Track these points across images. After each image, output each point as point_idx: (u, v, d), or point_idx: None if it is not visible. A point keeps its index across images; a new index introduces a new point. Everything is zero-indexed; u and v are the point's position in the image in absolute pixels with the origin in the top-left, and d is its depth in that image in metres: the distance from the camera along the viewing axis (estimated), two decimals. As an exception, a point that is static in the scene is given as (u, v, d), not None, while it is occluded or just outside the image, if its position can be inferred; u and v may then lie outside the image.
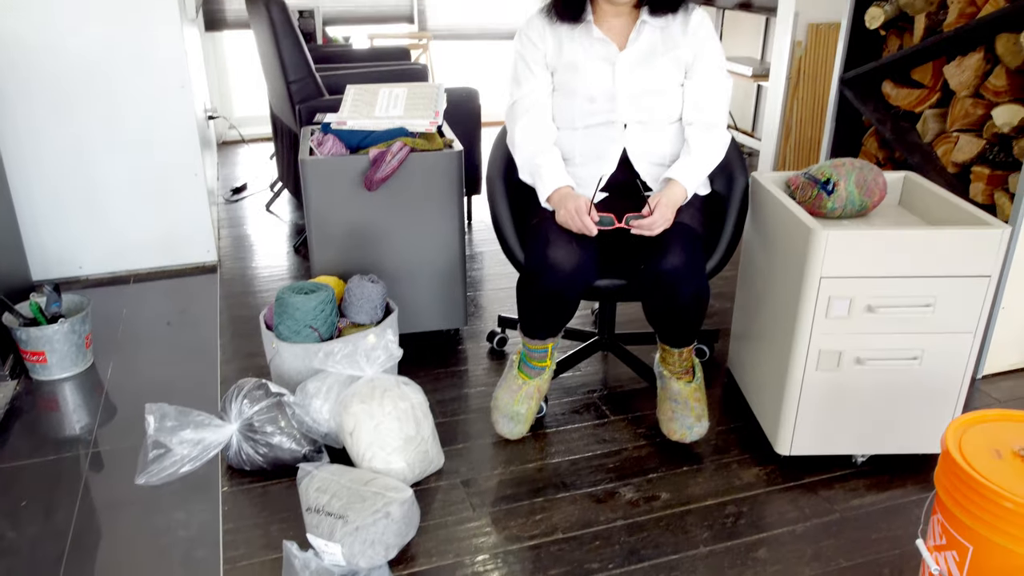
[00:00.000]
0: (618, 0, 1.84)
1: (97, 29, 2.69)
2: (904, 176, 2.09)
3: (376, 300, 2.14)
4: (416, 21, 4.90)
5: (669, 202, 1.83)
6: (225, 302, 2.81)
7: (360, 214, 2.27)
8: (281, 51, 2.95)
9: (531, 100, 1.96)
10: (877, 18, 2.55)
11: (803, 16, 3.55)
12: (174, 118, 2.86)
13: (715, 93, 1.93)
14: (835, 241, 1.67)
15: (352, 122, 2.27)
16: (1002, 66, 2.22)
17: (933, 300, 1.72)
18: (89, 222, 2.91)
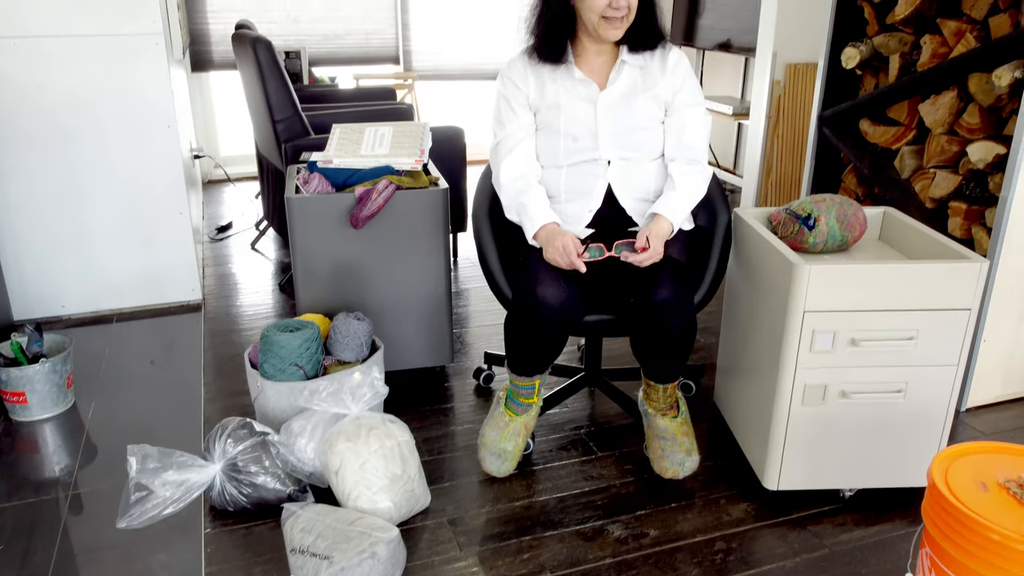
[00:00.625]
0: (604, 38, 1.88)
1: (85, 69, 2.70)
2: (883, 211, 2.12)
3: (362, 337, 2.14)
4: (401, 62, 4.96)
5: (657, 235, 1.85)
6: (209, 341, 2.79)
7: (346, 252, 2.28)
8: (267, 90, 2.98)
9: (515, 140, 1.98)
10: (853, 58, 2.61)
11: (781, 56, 3.63)
12: (160, 157, 2.87)
13: (695, 129, 1.97)
14: (817, 275, 1.69)
15: (338, 160, 2.29)
16: (975, 104, 2.27)
17: (915, 333, 1.74)
18: (73, 261, 2.89)
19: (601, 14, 1.82)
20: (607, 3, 1.81)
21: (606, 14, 1.82)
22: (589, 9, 1.83)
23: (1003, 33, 2.19)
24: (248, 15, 4.58)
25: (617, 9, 1.82)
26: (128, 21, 2.70)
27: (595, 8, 1.82)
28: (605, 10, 1.82)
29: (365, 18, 4.80)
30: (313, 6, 4.69)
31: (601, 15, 1.83)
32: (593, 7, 1.82)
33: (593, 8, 1.82)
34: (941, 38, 2.36)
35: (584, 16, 1.85)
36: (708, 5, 4.60)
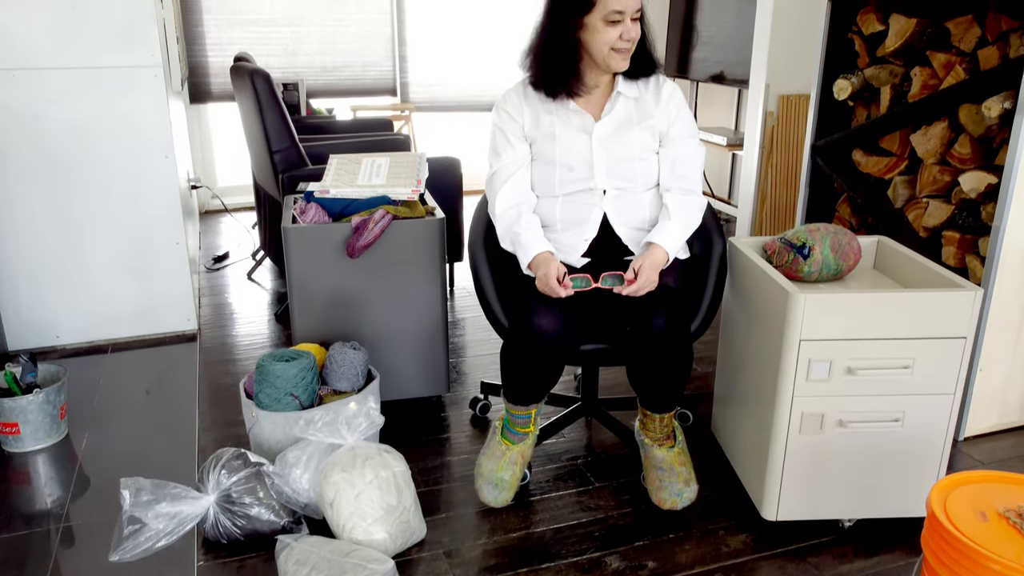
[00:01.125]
0: (613, 69, 1.89)
1: (83, 100, 2.72)
2: (877, 240, 2.13)
3: (358, 367, 2.13)
4: (398, 94, 5.01)
5: (652, 264, 1.86)
6: (205, 371, 2.78)
7: (342, 281, 2.28)
8: (265, 121, 3.00)
9: (510, 170, 2.00)
10: (844, 90, 2.65)
11: (774, 88, 3.67)
12: (157, 188, 2.88)
13: (689, 160, 1.98)
14: (813, 304, 1.69)
15: (335, 190, 2.30)
16: (966, 135, 2.30)
17: (911, 362, 1.74)
18: (68, 291, 2.89)
19: (612, 46, 1.85)
20: (618, 35, 1.84)
21: (616, 46, 1.85)
22: (601, 43, 1.84)
23: (992, 65, 2.22)
24: (247, 48, 4.63)
25: (628, 41, 1.85)
26: (127, 53, 2.72)
27: (607, 41, 1.84)
28: (616, 42, 1.84)
29: (363, 50, 4.86)
30: (311, 39, 4.75)
31: (612, 47, 1.85)
32: (605, 40, 1.84)
33: (606, 41, 1.84)
34: (931, 70, 2.40)
35: (594, 49, 1.87)
36: (702, 38, 4.66)
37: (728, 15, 4.43)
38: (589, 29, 1.85)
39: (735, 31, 4.36)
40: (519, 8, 4.98)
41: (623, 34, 1.83)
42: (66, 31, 2.65)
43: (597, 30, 1.84)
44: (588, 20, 1.84)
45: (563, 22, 1.86)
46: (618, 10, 1.81)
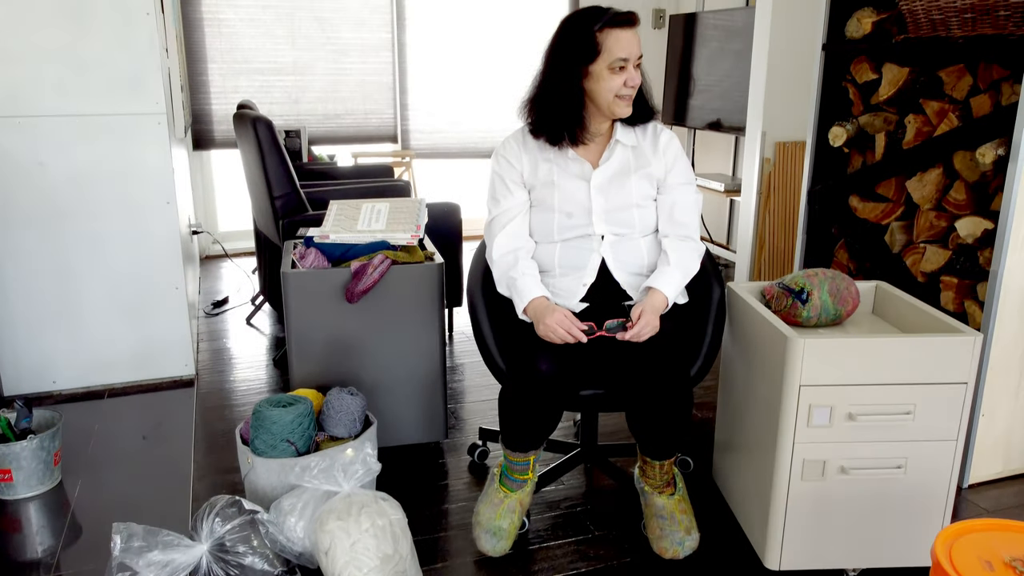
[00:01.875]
0: (616, 115, 1.92)
1: (87, 147, 2.75)
2: (875, 285, 2.14)
3: (355, 413, 2.11)
4: (399, 140, 5.07)
5: (652, 309, 1.86)
6: (201, 416, 2.76)
7: (341, 326, 2.27)
8: (267, 167, 3.03)
9: (508, 216, 2.01)
10: (840, 137, 2.68)
11: (770, 135, 3.72)
12: (158, 233, 2.90)
13: (686, 207, 2.00)
14: (812, 349, 1.69)
15: (335, 236, 2.31)
16: (961, 181, 2.32)
17: (913, 408, 1.73)
18: (66, 336, 2.88)
19: (616, 93, 1.88)
20: (622, 82, 1.87)
21: (620, 93, 1.88)
22: (606, 90, 1.87)
23: (984, 112, 2.25)
24: (251, 96, 4.70)
25: (632, 87, 1.88)
26: (132, 102, 2.76)
27: (612, 88, 1.87)
28: (620, 89, 1.87)
29: (365, 99, 4.93)
30: (314, 87, 4.82)
31: (616, 94, 1.88)
32: (610, 88, 1.87)
33: (610, 88, 1.87)
34: (924, 117, 2.43)
35: (599, 97, 1.89)
36: (698, 87, 4.73)
37: (724, 64, 4.50)
38: (594, 77, 1.88)
39: (731, 80, 4.43)
40: (518, 58, 5.07)
41: (627, 81, 1.87)
42: (72, 80, 2.69)
43: (602, 78, 1.86)
44: (593, 68, 1.87)
45: (567, 71, 1.89)
46: (623, 58, 1.84)
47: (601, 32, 1.84)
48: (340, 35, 4.78)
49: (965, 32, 2.24)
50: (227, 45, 4.60)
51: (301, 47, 4.72)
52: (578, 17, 1.88)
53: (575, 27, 1.87)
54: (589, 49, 1.85)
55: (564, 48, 1.89)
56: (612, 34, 1.83)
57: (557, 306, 1.90)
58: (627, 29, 1.85)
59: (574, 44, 1.87)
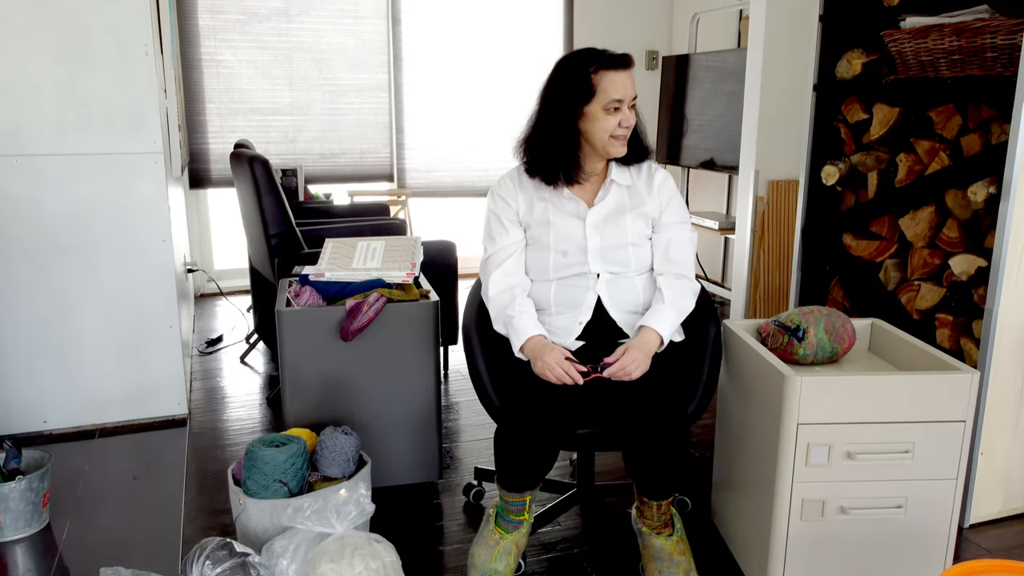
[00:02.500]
0: (611, 155, 1.93)
1: (85, 185, 2.76)
2: (871, 323, 2.14)
3: (349, 452, 2.09)
4: (395, 179, 5.10)
5: (640, 346, 1.85)
6: (193, 456, 2.72)
7: (335, 365, 2.26)
8: (263, 206, 3.04)
9: (504, 255, 2.02)
10: (832, 175, 2.70)
11: (763, 174, 3.75)
12: (153, 271, 2.89)
13: (681, 245, 2.01)
14: (809, 387, 1.68)
15: (330, 274, 2.31)
16: (953, 219, 2.33)
17: (911, 446, 1.72)
18: (58, 375, 2.86)
19: (611, 134, 1.89)
20: (617, 123, 1.89)
21: (615, 133, 1.90)
22: (601, 131, 1.89)
23: (974, 151, 2.27)
24: (248, 135, 4.73)
25: (627, 128, 1.90)
26: (130, 140, 2.78)
27: (607, 129, 1.89)
28: (615, 130, 1.89)
29: (361, 138, 4.97)
30: (311, 127, 4.86)
31: (611, 135, 1.89)
32: (605, 128, 1.88)
33: (605, 129, 1.89)
34: (916, 156, 2.46)
35: (595, 137, 1.91)
36: (692, 127, 4.79)
37: (717, 104, 4.56)
38: (589, 118, 1.89)
39: (724, 119, 4.48)
40: (514, 98, 5.13)
41: (622, 121, 1.88)
42: (71, 119, 2.71)
43: (597, 119, 1.88)
44: (588, 109, 1.88)
45: (563, 111, 1.91)
46: (617, 99, 1.86)
47: (596, 74, 1.86)
48: (337, 76, 4.83)
49: (953, 73, 2.28)
50: (225, 85, 4.65)
51: (299, 87, 4.77)
52: (574, 58, 1.91)
53: (571, 68, 1.90)
54: (584, 90, 1.87)
55: (560, 89, 1.91)
56: (607, 76, 1.86)
57: (554, 345, 1.89)
58: (622, 71, 1.87)
59: (570, 85, 1.89)
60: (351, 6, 4.77)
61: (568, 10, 5.18)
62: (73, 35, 2.67)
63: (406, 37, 4.92)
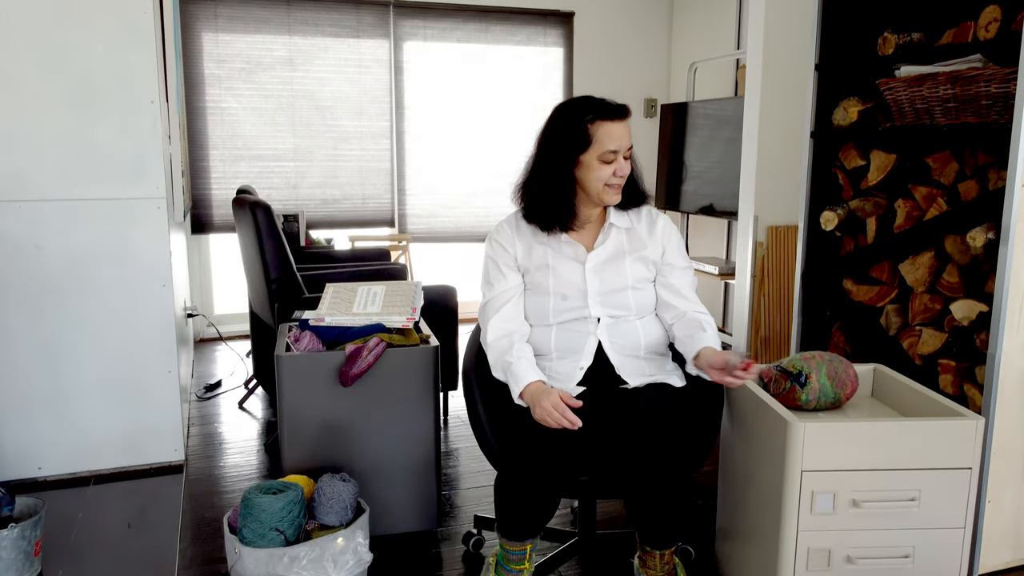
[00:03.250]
0: (606, 203, 1.96)
1: (86, 231, 2.77)
2: (874, 368, 2.13)
3: (347, 500, 2.06)
4: (396, 224, 5.13)
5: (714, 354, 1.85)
6: (189, 504, 2.69)
7: (334, 410, 2.24)
8: (264, 251, 3.05)
9: (502, 300, 2.02)
10: (831, 221, 2.71)
11: (762, 219, 3.77)
12: (153, 316, 2.89)
13: (691, 284, 2.05)
14: (813, 433, 1.66)
15: (330, 319, 2.31)
16: (953, 264, 2.34)
17: (917, 494, 1.69)
18: (54, 420, 2.83)
19: (606, 182, 1.91)
20: (612, 172, 1.90)
21: (610, 182, 1.91)
22: (596, 179, 1.91)
23: (972, 197, 2.29)
24: (250, 181, 4.77)
25: (621, 177, 1.92)
26: (133, 186, 2.80)
27: (601, 178, 1.91)
28: (610, 179, 1.91)
29: (363, 184, 5.01)
30: (313, 173, 4.90)
31: (606, 183, 1.91)
32: (600, 177, 1.90)
33: (600, 178, 1.90)
34: (913, 202, 2.47)
35: (589, 186, 1.93)
36: (690, 173, 4.83)
37: (715, 151, 4.61)
38: (584, 167, 1.91)
39: (722, 166, 4.52)
40: (513, 144, 5.19)
41: (616, 171, 1.90)
42: (75, 166, 2.73)
43: (592, 168, 1.90)
44: (584, 158, 1.90)
45: (559, 159, 1.92)
46: (613, 149, 1.88)
47: (593, 124, 1.88)
48: (340, 123, 4.90)
49: (949, 120, 2.30)
50: (229, 132, 4.70)
51: (301, 134, 4.83)
52: (571, 107, 1.93)
53: (567, 117, 1.92)
54: (581, 140, 1.88)
55: (556, 137, 1.93)
56: (603, 126, 1.87)
57: (553, 388, 1.87)
58: (618, 121, 1.89)
59: (566, 133, 1.91)
60: (355, 55, 4.86)
61: (568, 58, 5.27)
62: (81, 89, 2.70)
63: (408, 85, 5.00)
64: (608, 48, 5.34)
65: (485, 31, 5.08)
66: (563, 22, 5.22)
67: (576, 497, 1.98)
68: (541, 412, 1.81)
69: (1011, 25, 2.16)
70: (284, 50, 4.72)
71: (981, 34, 2.25)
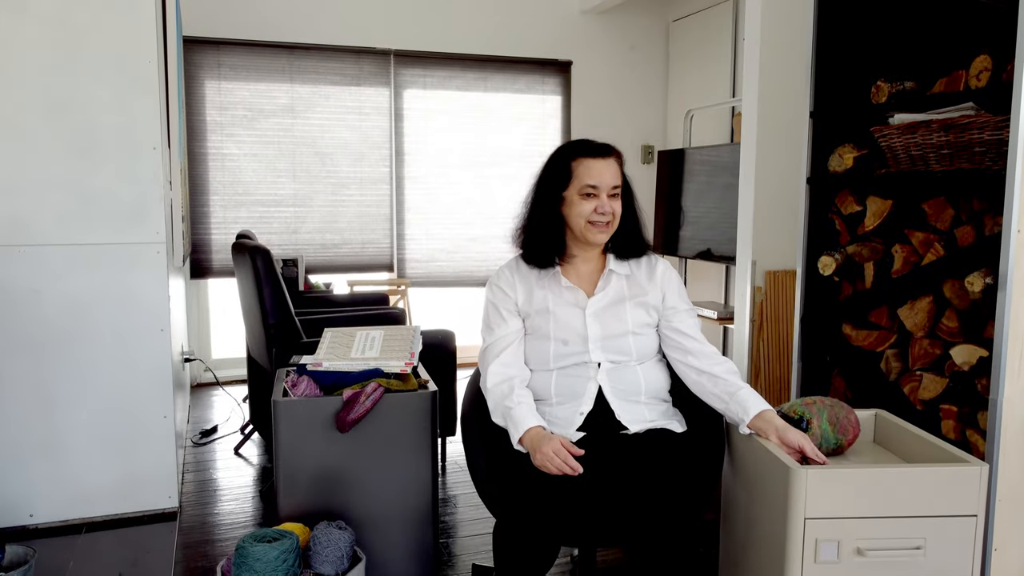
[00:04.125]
0: (591, 242, 1.97)
1: (85, 275, 2.77)
2: (875, 413, 2.11)
3: (343, 548, 2.03)
4: (395, 269, 5.14)
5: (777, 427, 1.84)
6: (182, 552, 2.64)
7: (331, 456, 2.22)
8: (262, 296, 3.05)
9: (502, 344, 2.01)
10: (829, 266, 2.72)
11: (760, 264, 3.77)
12: (150, 361, 2.87)
13: (696, 326, 2.06)
14: (816, 480, 1.64)
15: (328, 363, 2.30)
16: (952, 308, 2.34)
17: (923, 542, 1.67)
18: (46, 466, 2.80)
19: (588, 219, 1.93)
20: (593, 208, 1.93)
21: (592, 219, 1.94)
22: (577, 215, 1.95)
23: (968, 242, 2.30)
24: (250, 226, 4.80)
25: (603, 215, 1.94)
26: (132, 231, 2.81)
27: (583, 214, 1.94)
28: (591, 215, 1.94)
29: (362, 229, 5.04)
30: (313, 218, 4.93)
31: (588, 220, 1.94)
32: (581, 213, 1.95)
33: (581, 214, 1.94)
34: (911, 247, 2.48)
35: (572, 222, 1.97)
36: (688, 218, 4.86)
37: (712, 197, 4.65)
38: (568, 203, 1.97)
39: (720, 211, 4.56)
40: (512, 190, 5.23)
41: (598, 207, 1.94)
42: (76, 211, 2.75)
43: (574, 203, 1.96)
44: (567, 195, 1.97)
45: (547, 197, 1.99)
46: (592, 184, 1.93)
47: (575, 161, 1.96)
48: (340, 169, 4.94)
49: (943, 167, 2.33)
50: (230, 178, 4.74)
51: (301, 180, 4.87)
52: (560, 149, 2.03)
53: (555, 157, 2.02)
54: (564, 176, 1.97)
55: (545, 176, 2.02)
56: (584, 163, 1.95)
57: (553, 434, 1.86)
58: (599, 159, 1.96)
59: (553, 172, 2.00)
60: (355, 103, 4.92)
61: (566, 106, 5.34)
62: (84, 136, 2.74)
63: (408, 132, 5.06)
64: (605, 96, 5.43)
65: (484, 79, 5.17)
66: (561, 71, 5.31)
67: (576, 545, 1.95)
68: (541, 458, 1.80)
69: (1002, 74, 2.20)
70: (286, 98, 4.79)
71: (972, 83, 2.29)
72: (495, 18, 5.14)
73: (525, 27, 5.21)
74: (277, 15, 4.72)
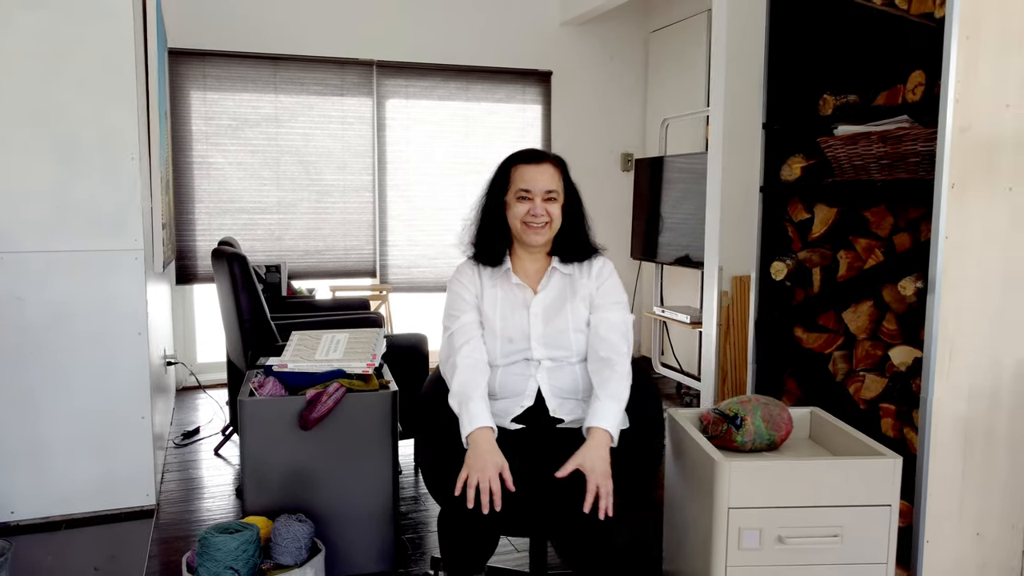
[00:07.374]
0: (527, 243, 2.09)
1: (66, 281, 2.87)
2: (811, 411, 2.21)
3: (302, 540, 2.13)
4: (378, 275, 5.25)
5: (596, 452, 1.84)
6: (157, 547, 2.74)
7: (295, 454, 2.32)
8: (239, 301, 3.16)
9: (471, 331, 2.10)
10: (781, 271, 2.83)
11: (727, 270, 3.88)
12: (127, 364, 2.97)
13: (613, 324, 2.08)
14: (738, 472, 1.75)
15: (293, 364, 2.40)
16: (891, 312, 2.44)
17: (840, 530, 1.77)
18: (27, 465, 2.89)
19: (522, 220, 2.06)
20: (526, 211, 2.06)
21: (526, 220, 2.07)
22: (514, 217, 2.09)
23: (905, 248, 2.40)
24: (235, 233, 4.90)
25: (536, 217, 2.06)
26: (111, 238, 2.91)
27: (518, 215, 2.08)
28: (525, 216, 2.07)
29: (345, 236, 5.14)
30: (297, 225, 5.04)
31: (522, 220, 2.06)
32: (516, 214, 2.08)
33: (516, 215, 2.08)
34: (855, 253, 2.59)
35: (511, 223, 2.11)
36: (666, 225, 4.97)
37: (689, 204, 4.75)
38: (507, 206, 2.11)
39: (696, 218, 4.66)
40: (494, 197, 5.33)
41: (530, 210, 2.06)
42: (56, 219, 2.85)
43: (511, 206, 2.10)
44: (507, 198, 2.11)
45: (492, 201, 2.14)
46: (525, 188, 2.07)
47: (514, 168, 2.12)
48: (323, 177, 5.05)
49: (884, 176, 2.43)
50: (215, 186, 4.85)
51: (285, 188, 4.98)
52: (506, 158, 2.18)
53: (500, 165, 2.18)
54: (504, 182, 2.12)
55: (491, 183, 2.18)
56: (520, 169, 2.10)
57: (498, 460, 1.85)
58: (533, 165, 2.10)
59: (496, 179, 2.16)
60: (338, 113, 5.04)
61: (546, 115, 5.46)
62: (66, 146, 2.84)
63: (390, 141, 5.17)
64: (585, 105, 5.54)
65: (466, 89, 5.28)
66: (541, 80, 5.42)
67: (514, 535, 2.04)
68: (476, 476, 1.81)
69: (934, 88, 2.31)
70: (270, 107, 4.90)
71: (909, 97, 2.40)
72: (476, 29, 5.26)
73: (506, 38, 5.33)
74: (261, 27, 4.84)
